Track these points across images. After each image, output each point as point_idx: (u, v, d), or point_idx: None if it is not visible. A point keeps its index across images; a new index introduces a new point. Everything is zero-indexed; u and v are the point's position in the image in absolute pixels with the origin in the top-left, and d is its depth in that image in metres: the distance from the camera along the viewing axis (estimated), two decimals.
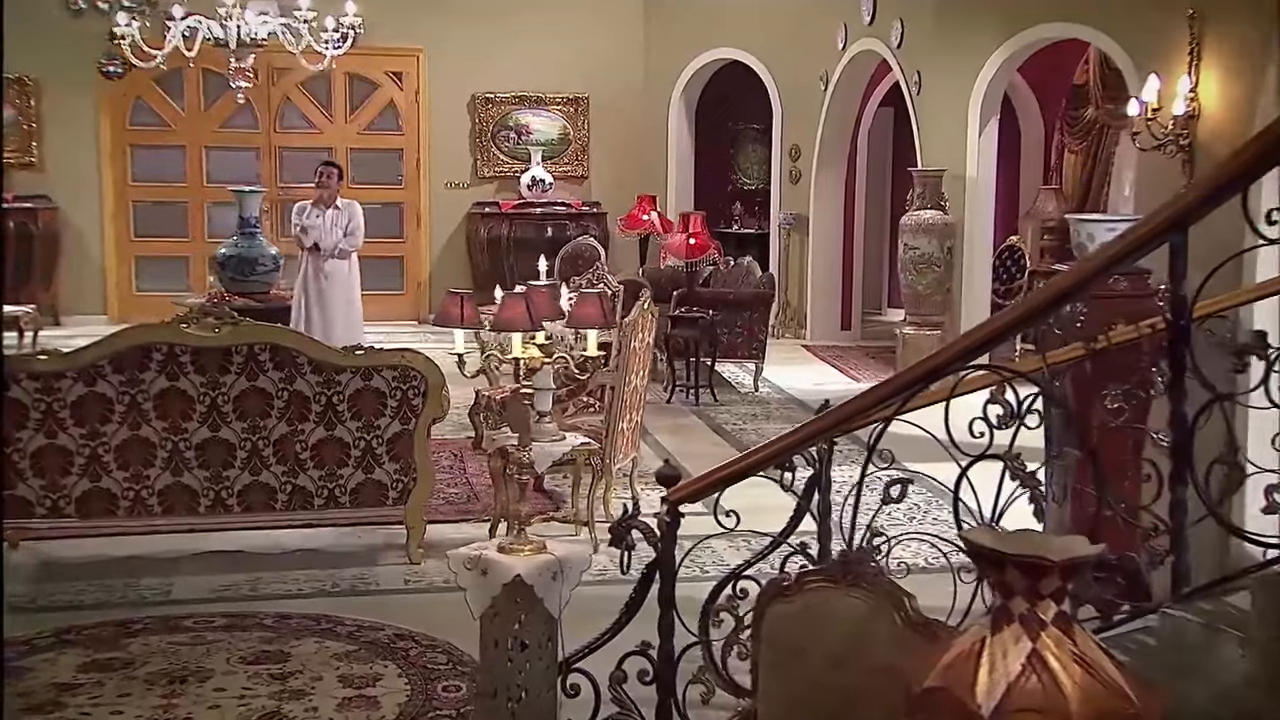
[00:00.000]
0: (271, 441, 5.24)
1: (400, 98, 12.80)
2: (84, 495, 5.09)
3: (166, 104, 12.44)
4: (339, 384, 5.27)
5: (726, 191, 14.42)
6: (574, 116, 13.13)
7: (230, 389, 5.16)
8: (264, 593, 5.08)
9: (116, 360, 5.05)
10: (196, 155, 12.55)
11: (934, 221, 9.15)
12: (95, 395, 5.04)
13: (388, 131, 12.86)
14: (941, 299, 9.29)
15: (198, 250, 12.64)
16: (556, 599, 3.23)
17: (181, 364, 5.11)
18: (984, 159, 9.14)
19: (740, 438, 8.07)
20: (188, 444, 5.16)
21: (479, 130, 12.94)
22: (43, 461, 5.03)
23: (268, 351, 5.19)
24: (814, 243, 11.88)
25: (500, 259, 12.60)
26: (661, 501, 3.26)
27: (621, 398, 6.21)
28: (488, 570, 3.26)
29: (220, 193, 12.49)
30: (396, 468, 5.40)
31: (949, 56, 9.31)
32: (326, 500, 5.35)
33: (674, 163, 13.21)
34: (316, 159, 12.70)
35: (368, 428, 5.33)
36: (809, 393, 9.49)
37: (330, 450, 5.31)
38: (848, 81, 11.26)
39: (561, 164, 13.12)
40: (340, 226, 8.54)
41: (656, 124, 13.01)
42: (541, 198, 12.75)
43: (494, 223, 12.66)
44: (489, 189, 13.01)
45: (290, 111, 12.64)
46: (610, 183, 13.10)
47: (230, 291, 8.19)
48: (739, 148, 14.71)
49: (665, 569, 3.28)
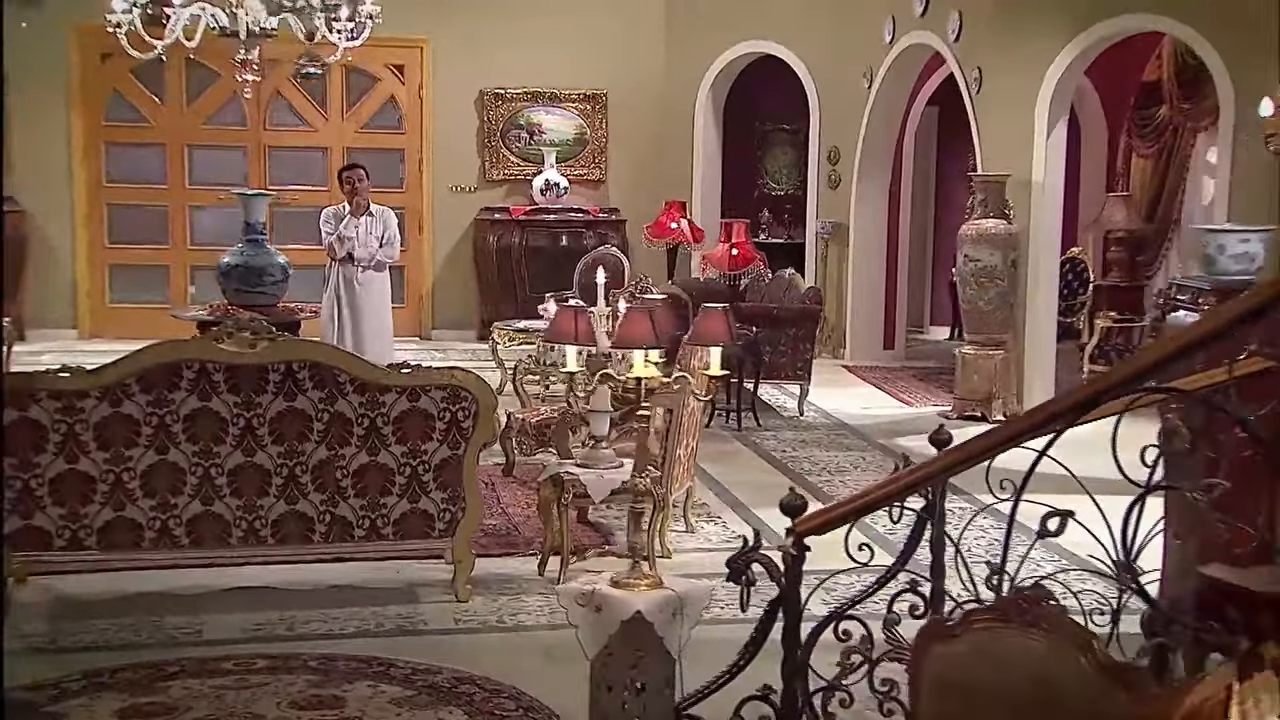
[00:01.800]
0: (310, 467, 5.26)
1: (401, 93, 12.87)
2: (106, 525, 5.09)
3: (145, 97, 12.49)
4: (383, 405, 5.29)
5: (753, 198, 14.53)
6: (591, 115, 13.20)
7: (266, 410, 5.18)
8: (302, 632, 5.09)
9: (144, 378, 5.06)
10: (178, 154, 12.61)
11: (997, 231, 9.22)
12: (120, 416, 5.05)
13: (388, 130, 12.93)
14: (1004, 316, 9.35)
15: (179, 259, 12.70)
16: (676, 638, 3.26)
17: (214, 383, 5.13)
18: (1052, 163, 9.22)
19: (792, 466, 8.12)
20: (219, 470, 5.17)
21: (487, 129, 13.01)
22: (63, 488, 5.03)
23: (307, 370, 5.21)
24: (855, 254, 11.96)
25: (510, 270, 12.66)
26: (787, 533, 3.30)
27: (679, 422, 6.25)
28: (603, 607, 3.29)
29: (204, 195, 12.61)
30: (444, 496, 5.42)
31: (1013, 51, 9.41)
32: (368, 532, 5.36)
33: (700, 166, 13.30)
34: (309, 159, 12.92)
35: (414, 453, 5.35)
36: (858, 417, 9.57)
37: (373, 477, 5.33)
38: (895, 78, 11.35)
39: (577, 166, 13.19)
40: (375, 235, 8.65)
41: (681, 123, 13.10)
42: (555, 203, 12.82)
43: (504, 230, 12.72)
44: (498, 193, 13.08)
45: (281, 107, 12.69)
46: (630, 187, 13.18)
47: (234, 304, 8.22)
48: (767, 150, 14.83)
49: (790, 607, 3.31)
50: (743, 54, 12.85)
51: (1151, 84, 10.76)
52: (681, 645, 3.34)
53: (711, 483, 7.57)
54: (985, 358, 9.33)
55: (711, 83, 13.06)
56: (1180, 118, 10.32)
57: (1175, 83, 10.23)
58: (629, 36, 12.97)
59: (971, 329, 9.48)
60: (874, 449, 8.65)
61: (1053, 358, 9.63)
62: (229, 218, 12.55)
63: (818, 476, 7.88)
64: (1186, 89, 10.11)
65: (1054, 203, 9.34)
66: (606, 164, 13.29)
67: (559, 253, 12.62)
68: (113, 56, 12.18)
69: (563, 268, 12.14)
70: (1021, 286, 9.35)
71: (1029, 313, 9.42)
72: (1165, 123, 10.50)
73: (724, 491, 7.45)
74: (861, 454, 8.50)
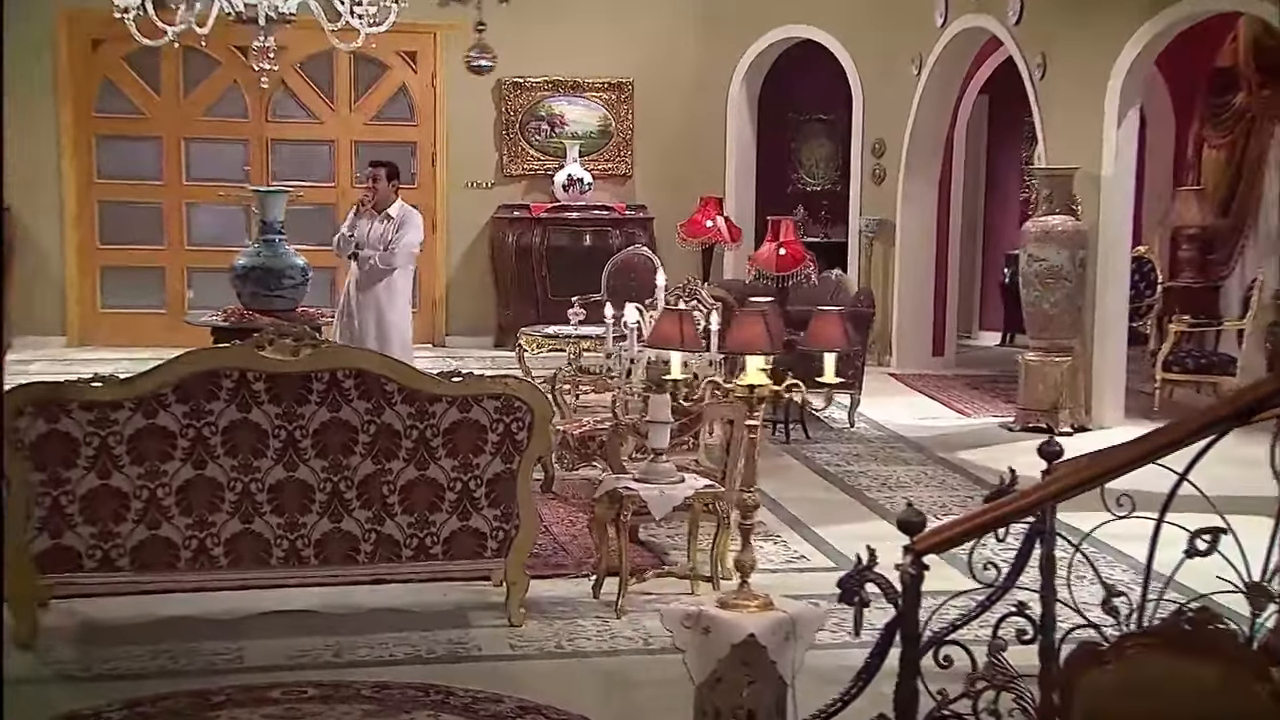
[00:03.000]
0: (355, 483, 5.29)
1: (414, 82, 12.91)
2: (140, 545, 5.12)
3: (139, 87, 12.53)
4: (433, 416, 5.33)
5: (786, 193, 14.58)
6: (616, 105, 13.25)
7: (309, 421, 5.21)
8: (349, 659, 5.12)
9: (180, 388, 5.10)
10: (175, 148, 12.65)
11: (1064, 228, 9.25)
12: (155, 429, 5.09)
13: (399, 121, 12.97)
14: (1071, 319, 9.38)
15: (175, 260, 12.75)
16: (790, 662, 3.28)
17: (254, 392, 5.16)
18: (1123, 155, 9.25)
19: (849, 481, 8.16)
20: (259, 485, 5.21)
21: (506, 121, 13.05)
22: (95, 505, 5.06)
23: (353, 378, 5.25)
24: (901, 254, 12.00)
25: (530, 272, 12.69)
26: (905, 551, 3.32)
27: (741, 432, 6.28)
28: (711, 629, 3.32)
29: (203, 192, 12.67)
30: (497, 514, 5.45)
31: (1081, 34, 9.44)
32: (416, 551, 5.39)
33: (733, 160, 13.34)
34: (315, 153, 12.97)
35: (465, 467, 5.39)
36: (912, 429, 9.60)
37: (422, 493, 5.36)
38: (946, 64, 11.40)
39: (602, 160, 13.23)
40: (385, 238, 8.64)
41: (712, 114, 13.15)
42: (578, 200, 12.86)
43: (523, 229, 12.76)
44: (517, 189, 13.12)
45: (284, 98, 12.73)
46: (657, 183, 13.22)
47: (250, 308, 8.27)
48: (802, 142, 14.88)
49: (908, 630, 3.33)
50: (779, 39, 12.89)
51: (1226, 69, 10.78)
52: (795, 670, 3.36)
53: (765, 499, 7.58)
54: (1051, 364, 9.35)
55: (746, 70, 13.10)
56: (1258, 105, 10.33)
57: (1253, 67, 10.25)
58: (657, 21, 13.01)
59: (1035, 333, 9.50)
60: (934, 463, 8.67)
61: (1123, 364, 9.66)
62: (229, 216, 12.74)
63: (877, 492, 7.91)
64: (1265, 74, 10.13)
65: (1125, 197, 9.37)
66: (633, 158, 13.33)
67: (582, 253, 12.65)
68: (105, 43, 12.30)
69: (587, 269, 12.15)
70: (1090, 287, 9.38)
71: (1098, 316, 9.44)
72: (1241, 111, 10.52)
73: (779, 508, 7.48)
74: (922, 468, 8.53)
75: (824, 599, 4.66)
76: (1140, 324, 10.74)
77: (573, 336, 9.73)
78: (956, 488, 8.00)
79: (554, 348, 9.93)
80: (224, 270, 12.41)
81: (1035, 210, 9.46)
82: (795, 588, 5.73)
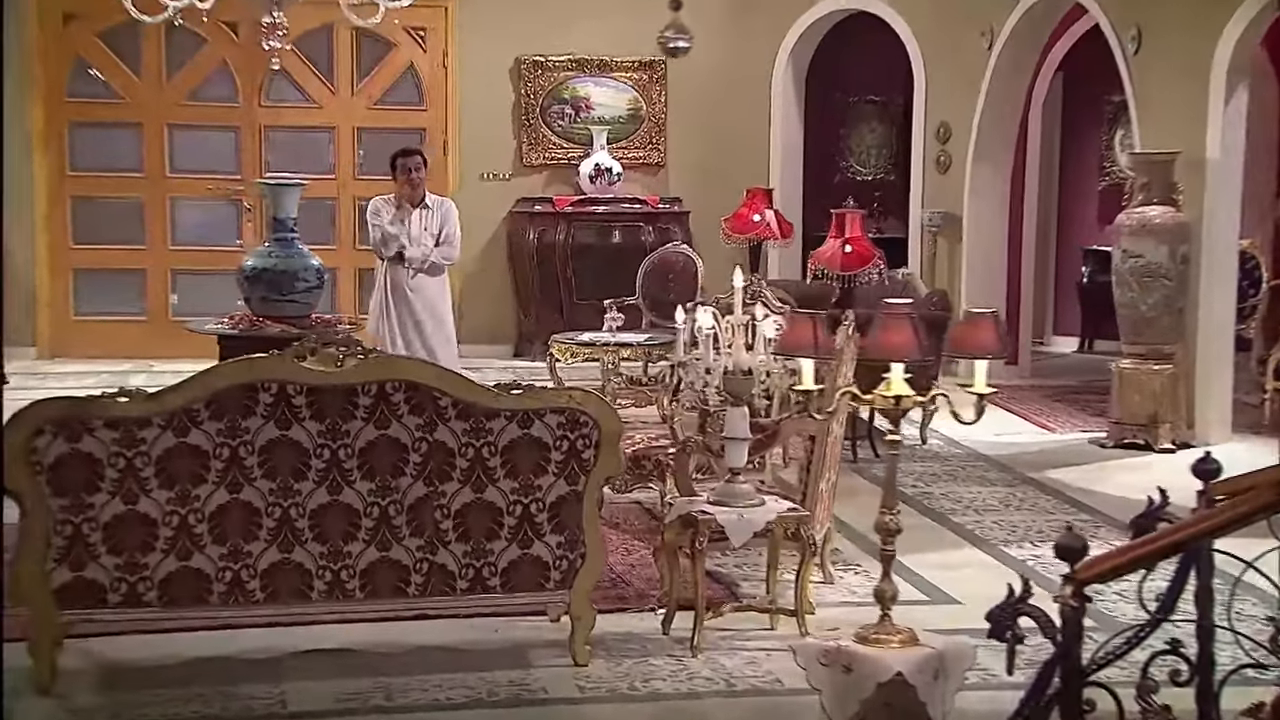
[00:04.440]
0: (405, 507, 5.30)
1: (423, 62, 12.97)
2: (170, 577, 5.13)
3: (118, 69, 12.58)
4: (490, 433, 5.35)
5: (834, 183, 14.59)
6: (647, 87, 13.30)
7: (355, 439, 5.23)
8: (401, 702, 5.13)
9: (215, 403, 5.11)
10: (157, 136, 12.71)
11: (1163, 221, 9.27)
12: (187, 448, 5.10)
13: (406, 106, 13.05)
14: (1171, 322, 9.39)
15: (158, 262, 12.80)
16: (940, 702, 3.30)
17: (295, 407, 5.18)
18: (1230, 139, 9.26)
19: (929, 504, 8.17)
20: (300, 510, 5.22)
21: (525, 105, 13.11)
22: (119, 534, 5.07)
23: (402, 391, 5.26)
24: (969, 251, 12.03)
25: (554, 273, 12.72)
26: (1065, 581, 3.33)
27: (823, 450, 6.31)
28: (853, 666, 3.34)
29: (189, 186, 12.71)
30: (560, 541, 5.46)
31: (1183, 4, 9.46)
32: (471, 583, 5.40)
33: (778, 146, 13.39)
34: (313, 141, 13.02)
35: (526, 489, 5.40)
36: (993, 446, 9.62)
37: (479, 518, 5.37)
38: (1022, 38, 11.43)
39: (632, 148, 13.29)
40: (431, 231, 8.75)
41: (755, 96, 13.21)
42: (607, 192, 12.91)
43: (545, 225, 12.80)
44: (537, 181, 13.18)
45: (279, 80, 12.76)
46: (694, 173, 13.28)
47: (260, 315, 8.30)
48: (852, 127, 14.91)
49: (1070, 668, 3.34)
50: (829, 11, 12.95)
51: None
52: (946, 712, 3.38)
53: (838, 524, 7.61)
54: (1149, 373, 9.37)
55: (792, 47, 13.16)
56: None
57: None
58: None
59: (1130, 338, 9.51)
60: (1021, 483, 8.69)
61: (1230, 373, 9.67)
62: (219, 212, 12.79)
63: (963, 516, 7.92)
64: None
65: (1232, 185, 9.39)
66: (666, 145, 13.38)
67: (611, 251, 12.70)
68: (76, 19, 12.36)
69: (616, 269, 12.19)
70: (1193, 286, 9.39)
71: (1202, 318, 9.45)
72: None
73: (856, 535, 7.49)
74: (1009, 489, 8.54)
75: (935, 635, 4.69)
76: (1243, 327, 10.74)
77: (611, 344, 9.77)
78: (1052, 511, 8.01)
79: (589, 356, 9.96)
80: (213, 273, 12.64)
81: (1130, 200, 9.47)
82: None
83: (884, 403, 4.10)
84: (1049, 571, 6.73)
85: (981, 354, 4.49)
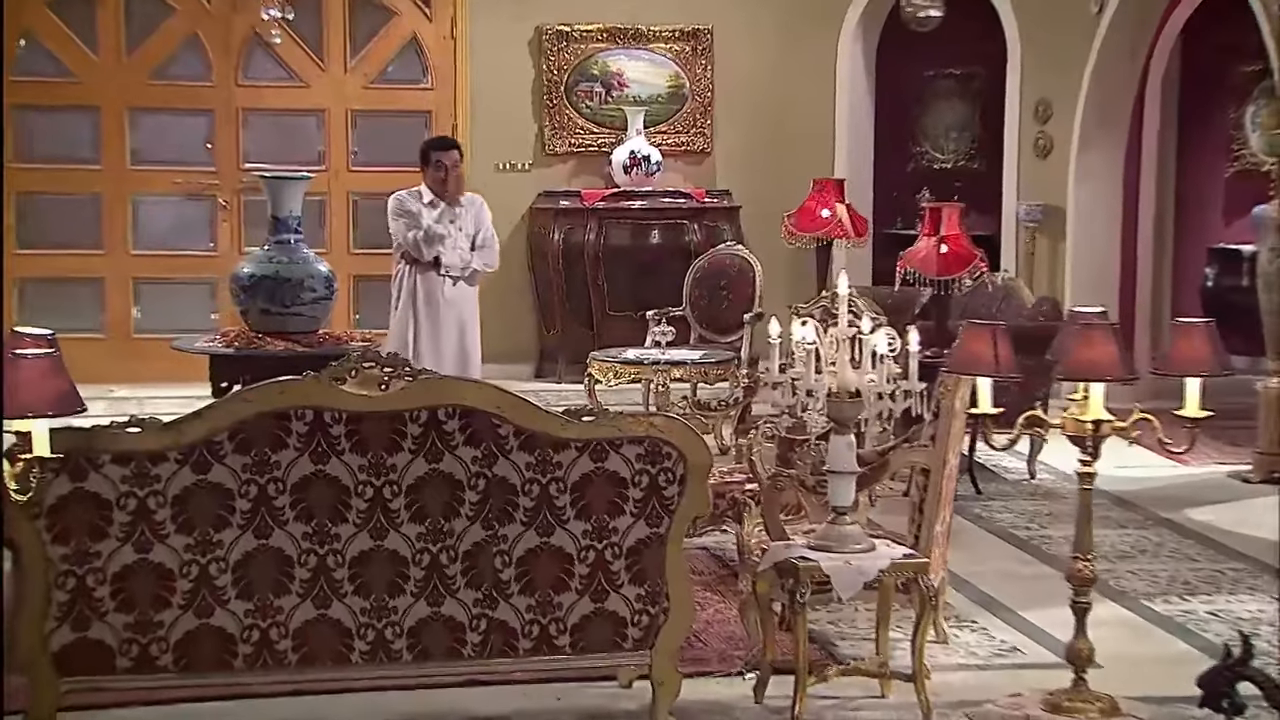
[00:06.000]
0: (460, 554, 5.32)
1: (428, 33, 13.05)
2: (188, 637, 5.14)
3: (70, 43, 12.64)
4: (558, 466, 5.37)
5: (906, 172, 14.62)
6: (691, 60, 13.37)
7: (403, 475, 5.25)
8: None
9: (240, 434, 5.13)
10: (116, 121, 12.81)
11: None
12: (208, 487, 5.11)
13: (408, 85, 13.17)
14: None
15: (118, 269, 12.86)
16: None
17: (333, 438, 5.20)
18: None
19: (1048, 549, 8.20)
20: (339, 558, 5.24)
21: (548, 83, 13.19)
22: (130, 587, 5.08)
23: (457, 418, 5.29)
24: (1075, 250, 12.06)
25: (583, 279, 12.74)
26: None
27: (938, 486, 6.34)
28: None
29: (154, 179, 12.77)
30: (640, 593, 5.48)
31: None
32: (537, 642, 5.41)
33: (844, 129, 13.44)
34: (300, 126, 13.09)
35: (599, 532, 5.42)
36: (1115, 480, 9.58)
37: (545, 567, 5.38)
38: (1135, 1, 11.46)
39: (673, 133, 13.36)
40: (467, 233, 8.95)
41: (818, 70, 13.27)
42: (644, 184, 12.95)
43: (572, 223, 12.86)
44: (562, 172, 13.26)
45: (260, 55, 12.84)
46: (744, 161, 13.36)
47: (260, 330, 8.33)
48: (926, 106, 14.93)
49: None
50: None
51: None
52: None
53: None
54: None
55: (861, 12, 13.21)
56: None
57: None
58: None
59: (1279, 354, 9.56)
60: (1155, 525, 8.71)
61: None
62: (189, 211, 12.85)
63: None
64: None
65: None
66: (713, 129, 13.44)
67: (650, 254, 12.77)
68: None
69: (655, 275, 12.29)
70: None
71: None
72: None
73: (966, 585, 7.52)
74: (1140, 532, 8.56)
75: None
76: None
77: (662, 363, 9.81)
78: (1196, 559, 8.02)
79: (635, 376, 10.01)
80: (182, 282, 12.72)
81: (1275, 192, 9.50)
82: (1010, 688, 5.77)
83: (1078, 428, 4.10)
84: (1204, 629, 6.80)
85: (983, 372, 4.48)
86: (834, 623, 6.84)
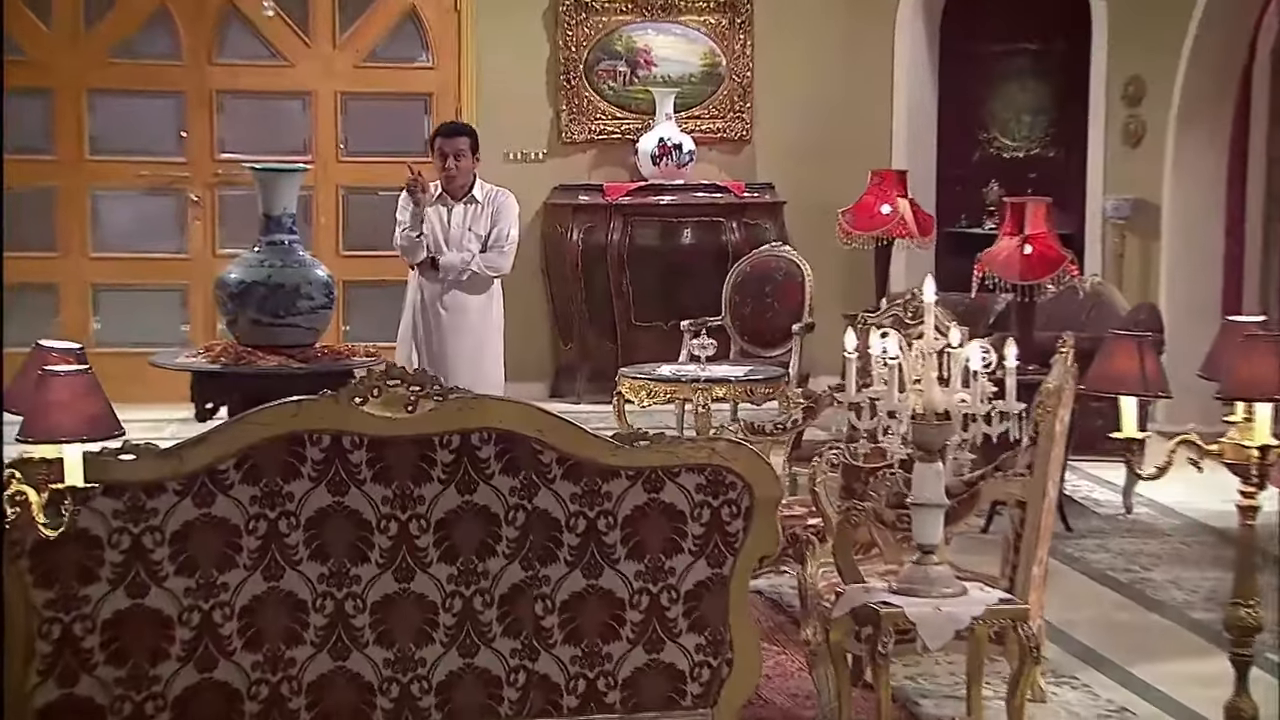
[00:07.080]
0: (496, 598, 5.31)
1: (429, 5, 13.10)
2: (188, 693, 5.12)
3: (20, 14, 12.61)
4: (607, 498, 5.35)
5: (971, 161, 14.61)
6: (729, 35, 13.41)
7: (431, 508, 5.23)
8: None
9: (248, 461, 5.13)
10: (73, 105, 12.86)
11: None
12: (211, 522, 5.09)
13: (405, 64, 13.21)
14: None
15: (74, 273, 12.89)
16: None
17: (353, 466, 5.19)
18: None
19: (1152, 594, 8.20)
20: (359, 603, 5.22)
21: (565, 61, 13.24)
22: (123, 636, 5.06)
23: (493, 443, 5.28)
24: (1171, 251, 12.06)
25: (604, 284, 12.75)
26: None
27: (1036, 521, 6.34)
28: None
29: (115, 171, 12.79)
30: (700, 642, 5.46)
31: None
32: (583, 699, 5.40)
33: (903, 114, 13.45)
34: (283, 111, 13.11)
35: (654, 573, 5.40)
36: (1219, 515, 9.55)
37: (593, 613, 5.36)
38: None
39: (708, 118, 13.39)
40: (478, 232, 8.88)
41: (874, 45, 13.32)
42: (675, 177, 12.96)
43: (593, 221, 12.88)
44: (581, 162, 13.30)
45: (237, 30, 12.86)
46: (789, 150, 13.39)
47: (251, 343, 8.32)
48: (995, 88, 14.92)
49: None
50: None
51: None
52: None
53: None
54: None
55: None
56: None
57: None
58: None
59: None
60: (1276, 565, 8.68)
61: None
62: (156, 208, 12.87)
63: (1205, 612, 7.90)
64: None
65: None
66: (753, 114, 13.47)
67: (681, 256, 12.79)
68: None
69: (688, 280, 12.29)
70: None
71: None
72: None
73: (1063, 636, 7.53)
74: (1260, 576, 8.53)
75: None
76: None
77: (702, 380, 9.79)
78: None
79: (671, 395, 9.98)
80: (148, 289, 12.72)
81: None
82: None
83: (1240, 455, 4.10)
84: None
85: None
86: (911, 678, 6.85)
